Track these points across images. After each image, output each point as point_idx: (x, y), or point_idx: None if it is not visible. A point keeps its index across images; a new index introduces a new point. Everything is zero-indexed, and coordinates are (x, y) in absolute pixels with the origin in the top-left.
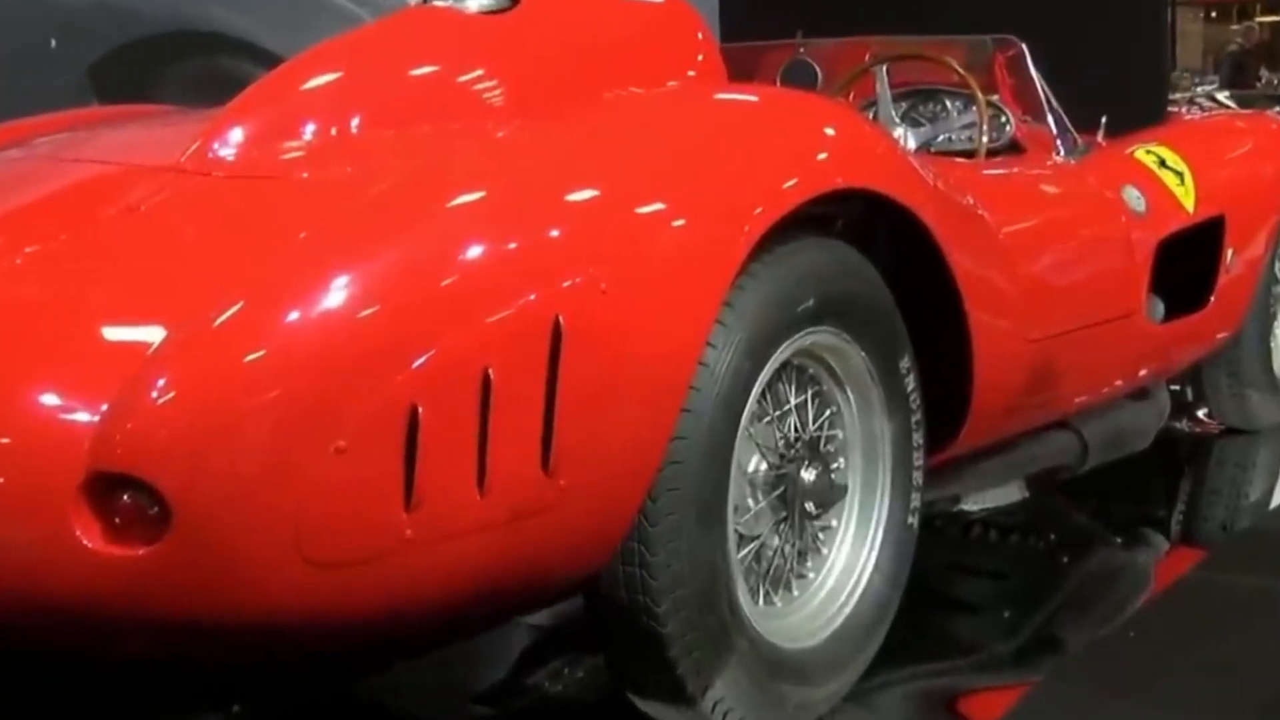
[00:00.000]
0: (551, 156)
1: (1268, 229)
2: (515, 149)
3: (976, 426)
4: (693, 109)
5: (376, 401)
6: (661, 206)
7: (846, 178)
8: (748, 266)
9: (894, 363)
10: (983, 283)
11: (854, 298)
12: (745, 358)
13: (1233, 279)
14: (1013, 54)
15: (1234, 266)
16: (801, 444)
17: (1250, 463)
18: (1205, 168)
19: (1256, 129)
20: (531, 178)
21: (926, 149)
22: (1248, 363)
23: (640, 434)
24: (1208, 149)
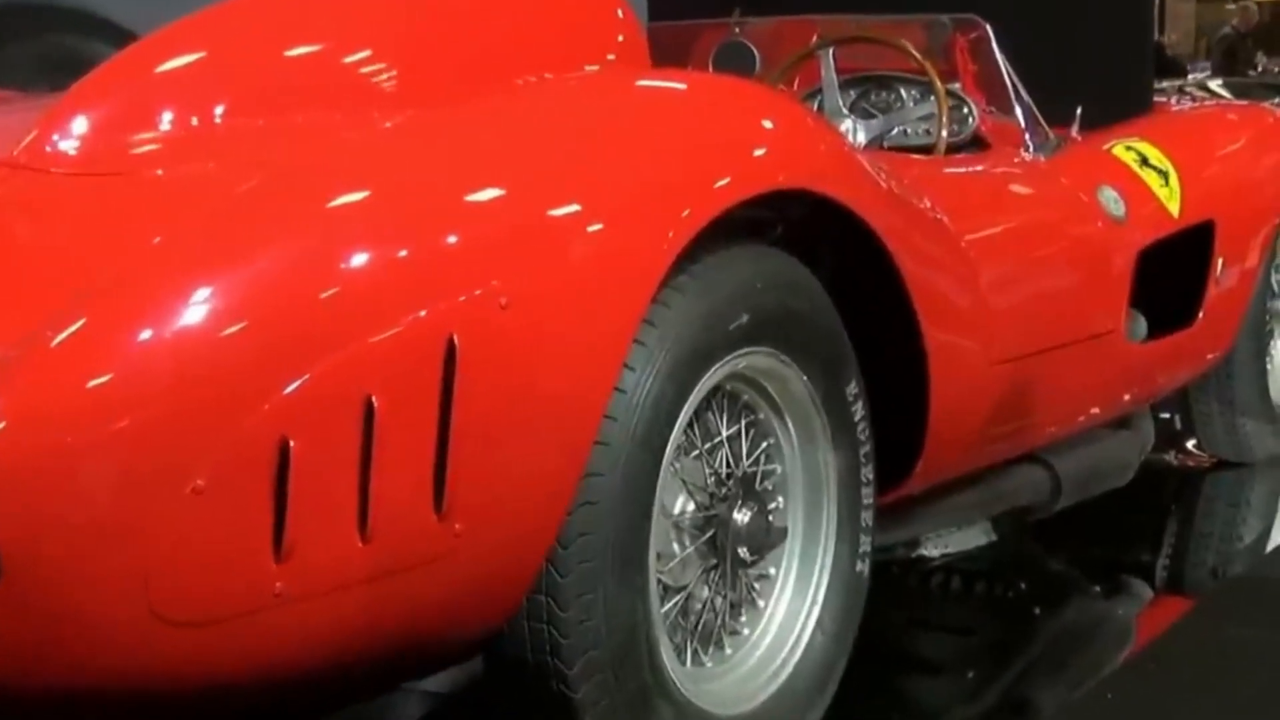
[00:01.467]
0: (448, 151)
1: (1263, 236)
2: (406, 142)
3: (935, 460)
4: (611, 97)
5: (241, 434)
6: (574, 209)
7: (787, 177)
8: (673, 278)
9: (840, 388)
10: (941, 297)
11: (794, 314)
12: (669, 383)
13: (1224, 292)
14: (976, 36)
15: (1225, 278)
16: (734, 481)
17: (1244, 500)
18: (1192, 166)
19: (1251, 123)
20: (424, 175)
21: (878, 144)
22: (1241, 387)
23: (548, 471)
24: (1196, 145)
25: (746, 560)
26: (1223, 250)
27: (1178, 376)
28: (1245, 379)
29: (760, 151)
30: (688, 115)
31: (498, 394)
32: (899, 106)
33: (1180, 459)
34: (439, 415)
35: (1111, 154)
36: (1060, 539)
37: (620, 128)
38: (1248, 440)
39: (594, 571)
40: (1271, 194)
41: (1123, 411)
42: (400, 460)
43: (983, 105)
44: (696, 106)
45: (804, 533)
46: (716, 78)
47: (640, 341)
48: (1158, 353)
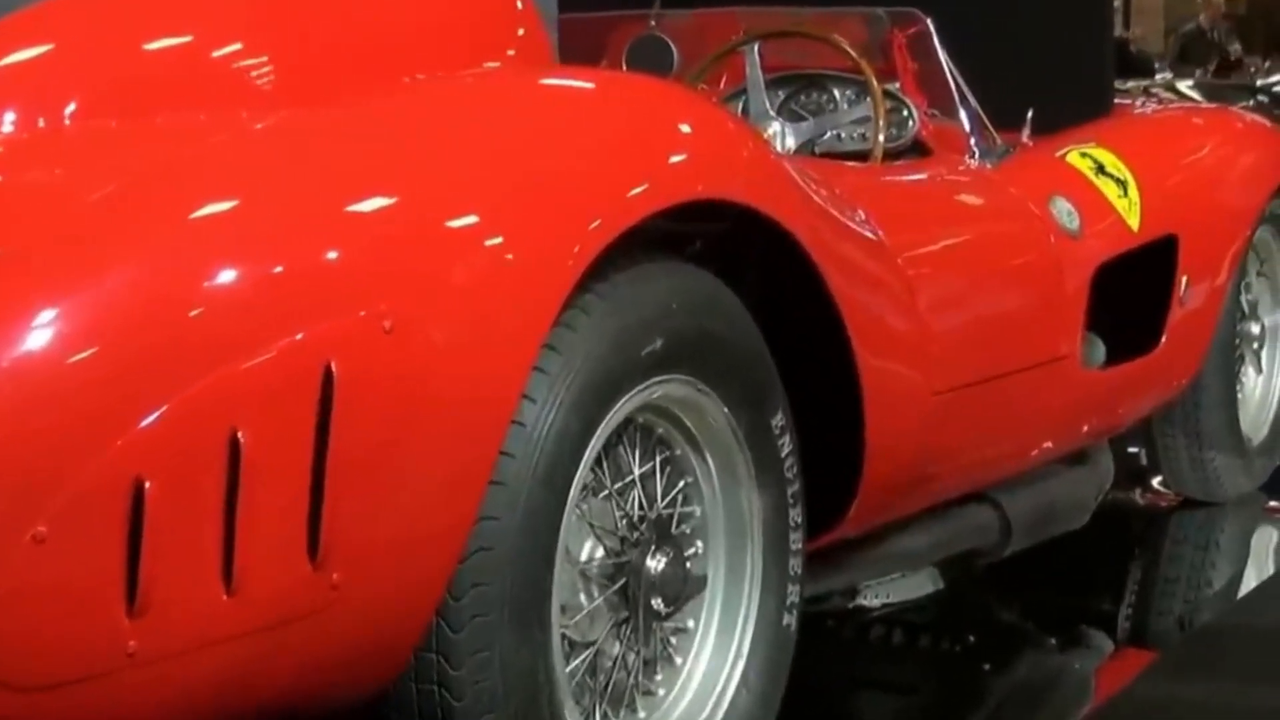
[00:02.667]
0: (328, 155)
1: (1231, 251)
2: (280, 145)
3: (871, 500)
4: (511, 97)
5: (89, 475)
6: (469, 221)
7: (706, 186)
8: (578, 298)
9: (765, 420)
10: (876, 320)
11: (714, 338)
12: (574, 415)
13: (1189, 314)
14: (916, 31)
15: (1190, 298)
16: (648, 525)
17: (1213, 542)
18: (1154, 175)
19: (1218, 127)
20: (300, 183)
21: (808, 150)
22: (1209, 418)
23: (438, 514)
24: (1158, 152)
25: (661, 612)
26: (1187, 267)
27: (1140, 406)
28: (1213, 409)
29: (677, 158)
30: (596, 117)
31: (381, 428)
32: (831, 108)
33: (1143, 497)
34: (314, 452)
35: (1065, 161)
36: (1012, 586)
37: (521, 131)
38: (1217, 477)
39: (490, 626)
40: (1241, 205)
41: (1079, 445)
42: (270, 503)
43: (924, 107)
44: (606, 108)
45: (726, 581)
46: (629, 76)
47: (541, 369)
48: (1117, 380)
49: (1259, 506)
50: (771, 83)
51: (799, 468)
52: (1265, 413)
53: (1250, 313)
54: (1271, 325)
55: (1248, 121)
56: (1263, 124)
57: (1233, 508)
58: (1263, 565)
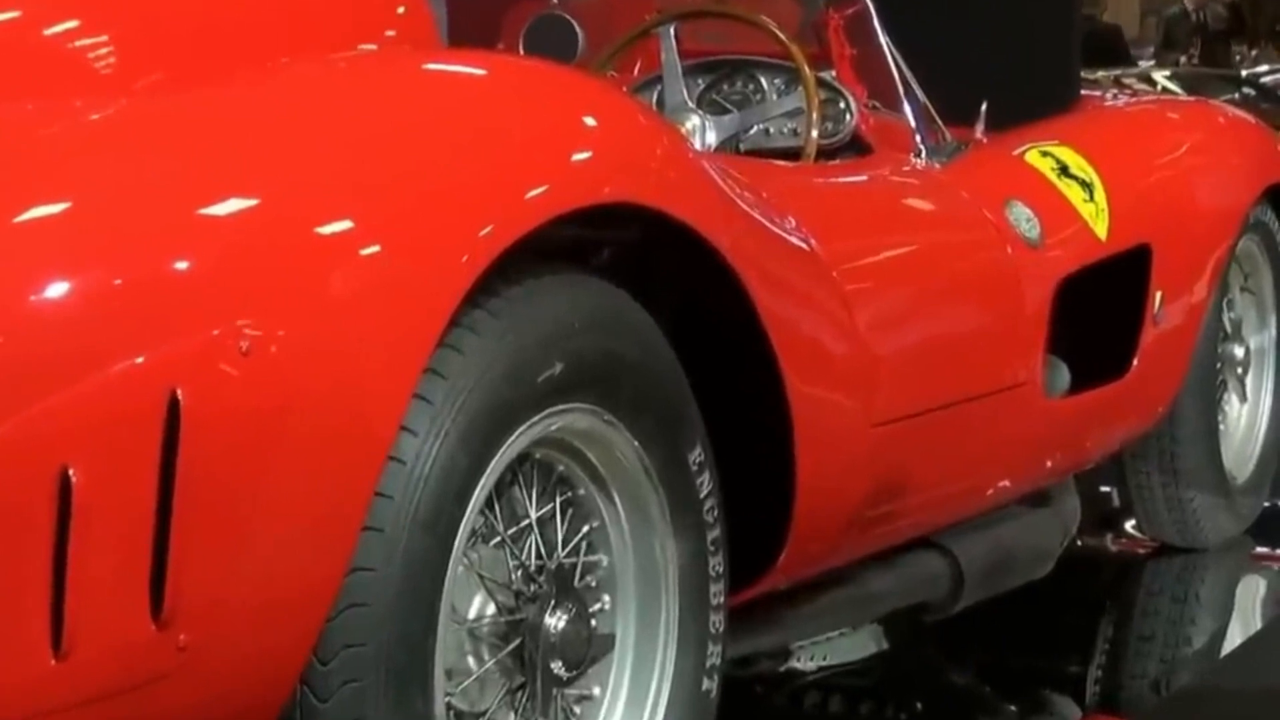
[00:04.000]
0: (177, 151)
1: (1211, 263)
2: (121, 140)
3: (804, 547)
4: (391, 85)
5: None
6: (340, 227)
7: (614, 188)
8: (467, 315)
9: (681, 456)
10: (808, 341)
11: (622, 362)
12: (461, 450)
13: (1164, 334)
14: (855, 13)
15: (1165, 316)
16: (546, 576)
17: (1193, 594)
18: (1125, 177)
19: (1197, 123)
20: (144, 183)
21: (732, 146)
22: (1188, 452)
23: (302, 565)
24: (1129, 151)
25: (563, 677)
26: (1162, 281)
27: (1109, 439)
28: (1192, 443)
29: (580, 156)
30: (488, 108)
31: (235, 466)
32: (758, 99)
33: (1114, 543)
34: (157, 494)
35: (1024, 161)
36: (965, 646)
37: (402, 123)
38: (1197, 519)
39: (363, 694)
40: (1222, 212)
41: (1041, 484)
42: (106, 552)
43: (863, 99)
44: (500, 97)
45: (636, 641)
46: (527, 62)
47: (423, 397)
48: (1083, 410)
49: (1244, 553)
50: (690, 70)
51: (721, 510)
52: (1251, 446)
53: (1233, 333)
54: (1257, 347)
55: (1231, 117)
56: (1247, 120)
57: (1215, 555)
58: (1249, 620)
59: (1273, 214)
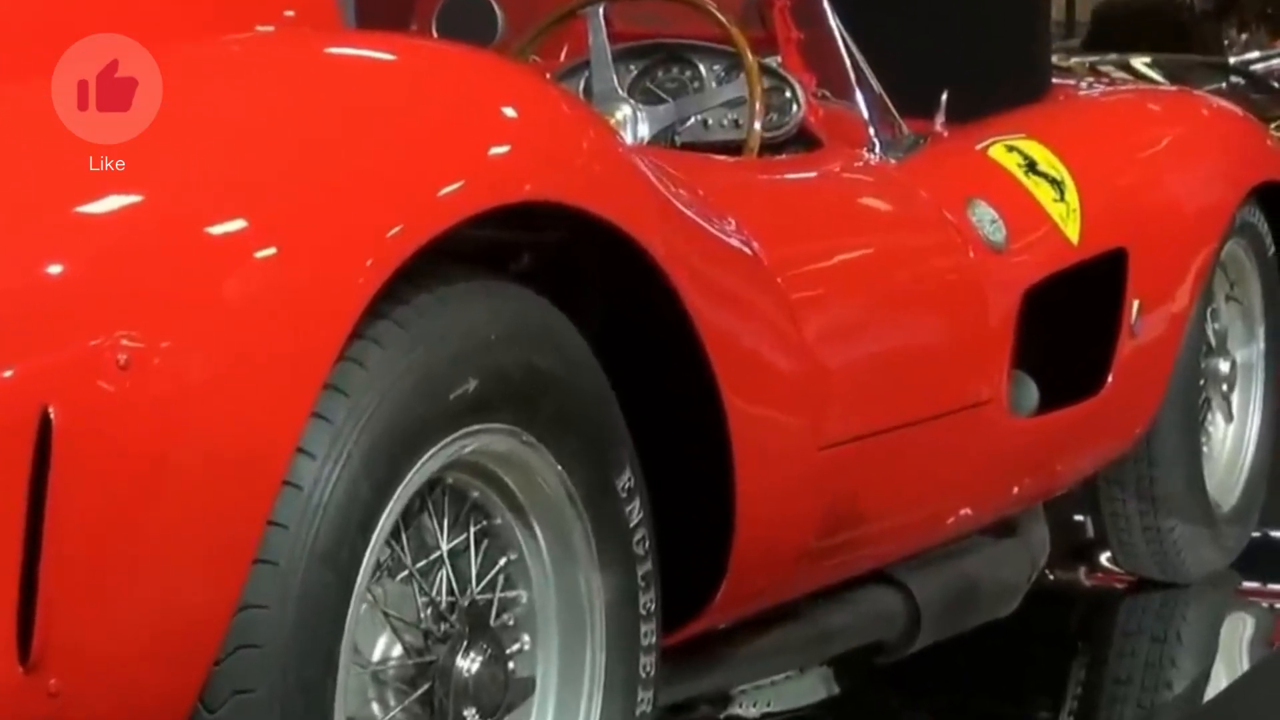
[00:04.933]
0: (49, 143)
1: (1194, 269)
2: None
3: (745, 582)
4: (290, 71)
5: None
6: (232, 227)
7: (536, 185)
8: (371, 325)
9: (608, 481)
10: (750, 356)
11: (544, 378)
12: (364, 475)
13: (1142, 347)
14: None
15: (1143, 328)
16: (459, 614)
17: (1174, 633)
18: (1099, 175)
19: (1180, 115)
20: (11, 179)
21: (667, 139)
22: (1168, 478)
23: (187, 602)
24: (1103, 146)
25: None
26: (1139, 289)
27: (1082, 463)
28: (1173, 467)
29: (498, 150)
30: (396, 96)
31: (113, 492)
32: (696, 88)
33: (1088, 577)
34: (25, 523)
35: (988, 157)
36: (922, 690)
37: (301, 112)
38: (1178, 552)
39: None
40: (1206, 213)
41: (1007, 512)
42: None
43: (811, 87)
44: (409, 85)
45: (559, 686)
46: (439, 45)
47: (323, 416)
48: (1053, 430)
49: (1230, 588)
50: (621, 55)
51: (653, 541)
52: (1237, 471)
53: (1218, 346)
54: (1244, 362)
55: (1216, 108)
56: (1234, 112)
57: (1198, 590)
58: (1234, 662)
59: (1261, 215)
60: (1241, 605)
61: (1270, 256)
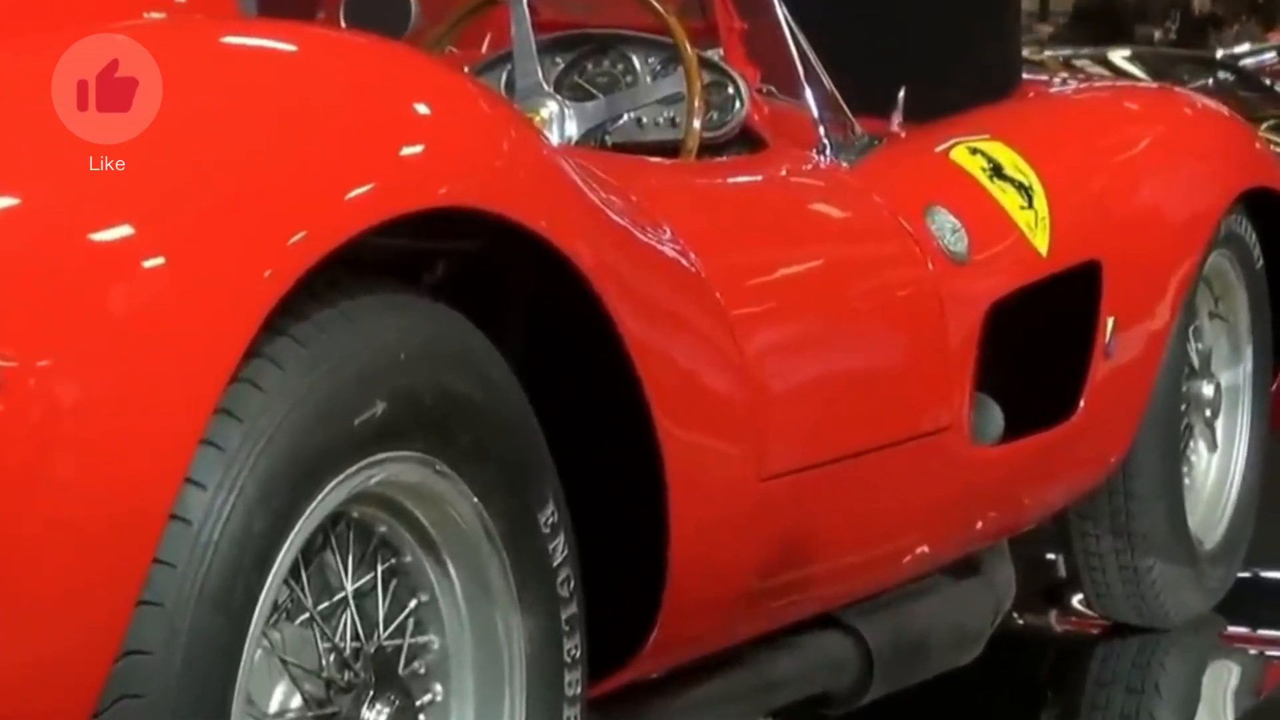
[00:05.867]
0: None
1: (1174, 284)
2: None
3: (680, 626)
4: (181, 62)
5: None
6: (117, 235)
7: (452, 190)
8: (269, 343)
9: (530, 515)
10: (686, 377)
11: (460, 402)
12: (260, 507)
13: (1117, 369)
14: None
15: (1118, 347)
16: (364, 661)
17: (1151, 684)
18: (1070, 180)
19: (1160, 114)
20: None
21: (597, 139)
22: (1146, 512)
23: (62, 647)
24: (1076, 148)
25: None
26: (1115, 305)
27: (1051, 496)
28: (1152, 500)
29: (410, 150)
30: (298, 92)
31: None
32: (629, 82)
33: (1059, 622)
34: None
35: (950, 159)
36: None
37: (194, 109)
38: (1157, 593)
39: None
40: (1188, 222)
41: (969, 549)
42: None
43: (756, 83)
44: (313, 78)
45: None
46: (346, 36)
47: (214, 443)
48: (1020, 460)
49: (1213, 634)
50: (547, 46)
51: (578, 581)
52: (1221, 505)
53: (1201, 368)
54: (1230, 385)
55: (1200, 108)
56: (1219, 111)
57: (1178, 636)
58: (1218, 714)
59: (1249, 225)
60: (1226, 652)
61: (1258, 269)
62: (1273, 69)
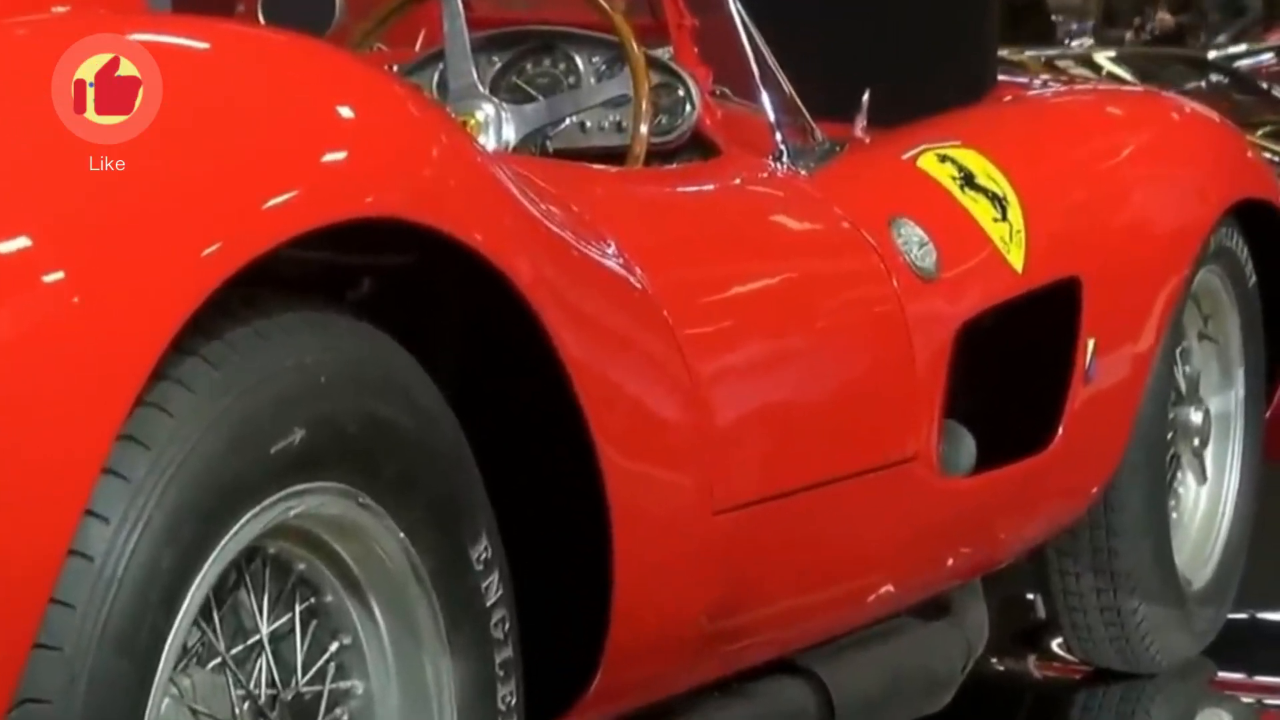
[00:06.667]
0: None
1: (1159, 303)
2: None
3: (626, 671)
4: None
5: None
6: (13, 247)
7: (379, 200)
8: (178, 364)
9: (461, 552)
10: (631, 403)
11: (386, 429)
12: (167, 543)
13: (1097, 394)
14: None
15: (1099, 371)
16: (281, 709)
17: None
18: (1048, 190)
19: (1145, 120)
20: None
21: (537, 145)
22: (1129, 549)
23: None
24: (1054, 156)
25: None
26: (1095, 326)
27: (1027, 531)
28: (1135, 536)
29: (332, 156)
30: (212, 94)
31: None
32: (572, 84)
33: (1036, 666)
34: None
35: (917, 167)
36: None
37: (98, 109)
38: (1141, 636)
39: None
40: (1174, 236)
41: (939, 589)
42: None
43: (708, 85)
44: (228, 80)
45: None
46: (264, 33)
47: (117, 472)
48: (993, 492)
49: (1202, 679)
50: (483, 44)
51: (514, 622)
52: (1211, 542)
53: (1189, 394)
54: (1220, 411)
55: (1189, 113)
56: (1208, 117)
57: (1165, 682)
58: None
59: (1240, 239)
60: (1216, 699)
61: (1251, 287)
62: (1270, 71)
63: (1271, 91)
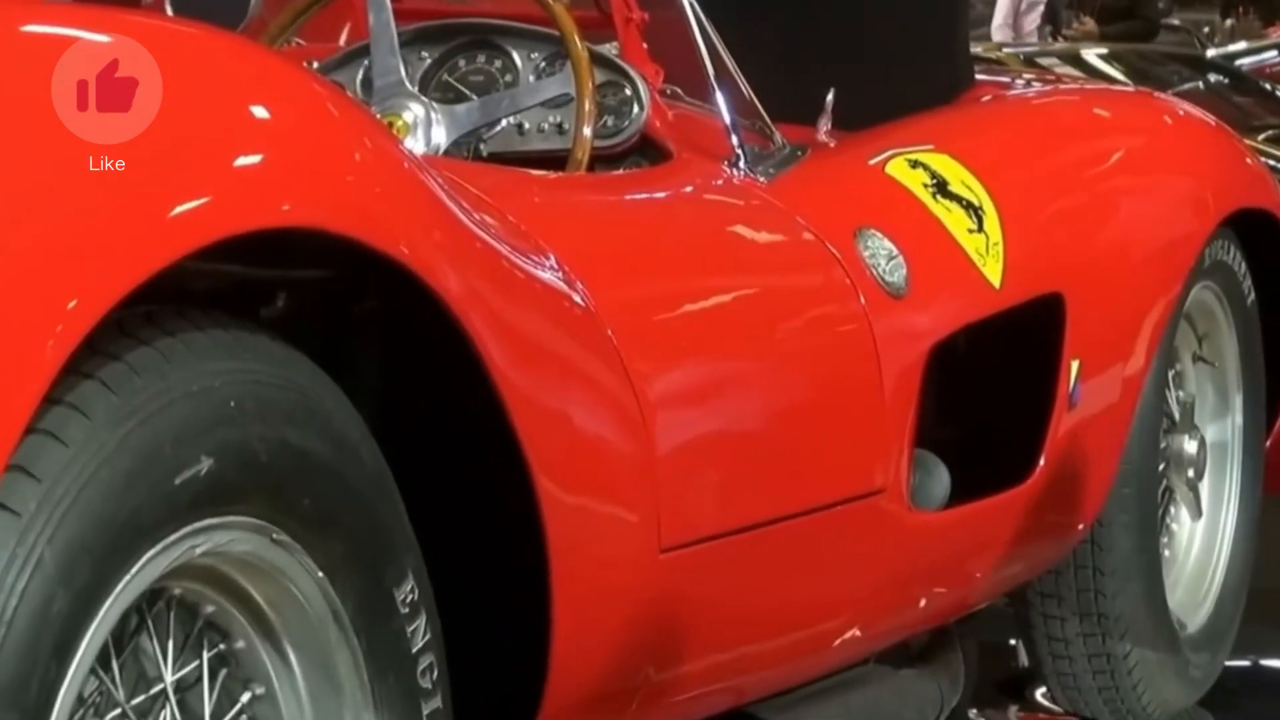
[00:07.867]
0: None
1: (1151, 321)
2: None
3: None
4: None
5: None
6: None
7: (296, 208)
8: (73, 388)
9: (385, 593)
10: (570, 431)
11: (302, 459)
12: (61, 582)
13: (1082, 421)
14: None
15: (1084, 396)
16: None
17: None
18: (1028, 199)
19: (1135, 124)
20: None
21: (470, 149)
22: (1119, 590)
23: None
24: (1035, 162)
25: None
26: (1079, 346)
27: (1007, 570)
28: (1125, 577)
29: (245, 160)
30: (118, 93)
31: None
32: (509, 82)
33: (1018, 717)
34: None
35: (885, 174)
36: None
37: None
38: (1132, 684)
39: None
40: (1166, 249)
41: (910, 633)
42: None
43: (658, 84)
44: (138, 80)
45: None
46: (171, 25)
47: (6, 506)
48: (969, 528)
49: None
50: (413, 38)
51: (443, 670)
52: (1207, 582)
53: (1183, 421)
54: (1217, 440)
55: (1182, 116)
56: (1203, 120)
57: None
58: None
59: (1238, 253)
60: None
61: (1249, 305)
62: (1273, 70)
63: (1275, 92)
